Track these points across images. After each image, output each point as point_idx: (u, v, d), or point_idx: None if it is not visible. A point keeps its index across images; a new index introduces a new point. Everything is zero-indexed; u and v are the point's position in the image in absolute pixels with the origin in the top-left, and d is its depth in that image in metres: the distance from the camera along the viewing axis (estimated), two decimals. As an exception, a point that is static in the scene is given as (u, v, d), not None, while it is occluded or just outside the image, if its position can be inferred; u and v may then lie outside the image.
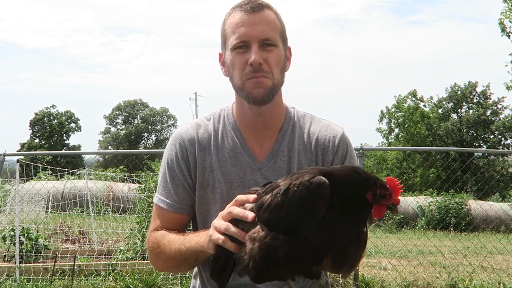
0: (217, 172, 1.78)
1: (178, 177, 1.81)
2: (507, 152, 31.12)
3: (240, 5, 1.74)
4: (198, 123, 1.87)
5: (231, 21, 1.75)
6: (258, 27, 1.70)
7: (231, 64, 1.74)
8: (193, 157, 1.80)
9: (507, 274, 7.65)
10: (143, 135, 55.73)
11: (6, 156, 6.70)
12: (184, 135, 1.83)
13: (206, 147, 1.81)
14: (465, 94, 37.47)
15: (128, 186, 13.24)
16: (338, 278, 6.47)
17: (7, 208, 9.83)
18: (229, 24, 1.75)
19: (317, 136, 1.82)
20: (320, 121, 1.87)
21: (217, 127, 1.84)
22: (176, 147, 1.82)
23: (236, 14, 1.74)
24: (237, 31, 1.71)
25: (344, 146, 1.81)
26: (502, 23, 13.48)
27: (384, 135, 37.59)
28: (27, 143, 47.28)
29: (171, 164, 1.82)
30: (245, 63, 1.70)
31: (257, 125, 1.81)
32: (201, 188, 1.80)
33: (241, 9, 1.73)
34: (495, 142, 35.61)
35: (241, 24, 1.71)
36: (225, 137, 1.82)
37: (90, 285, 6.30)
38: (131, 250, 7.49)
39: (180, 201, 1.82)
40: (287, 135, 1.82)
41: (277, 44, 1.73)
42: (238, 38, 1.70)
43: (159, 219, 1.84)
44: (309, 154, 1.80)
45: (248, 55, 1.70)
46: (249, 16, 1.71)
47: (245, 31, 1.70)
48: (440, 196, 17.42)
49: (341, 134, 1.82)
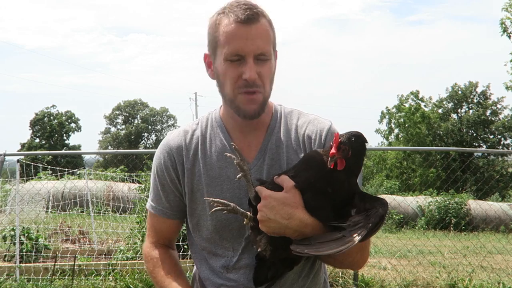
0: (206, 176, 1.78)
1: (169, 185, 1.83)
2: (506, 152, 31.13)
3: (234, 11, 1.67)
4: (186, 129, 1.86)
5: (224, 29, 1.67)
6: (254, 42, 1.66)
7: (223, 74, 1.71)
8: (181, 165, 1.81)
9: (506, 274, 7.65)
10: (143, 135, 55.75)
11: (6, 156, 6.71)
12: (171, 143, 1.83)
13: (194, 152, 1.81)
14: (466, 94, 37.49)
15: (128, 186, 13.25)
16: (338, 278, 6.49)
17: (7, 208, 9.84)
18: (223, 32, 1.68)
19: (304, 131, 1.81)
20: (307, 116, 1.86)
21: (205, 132, 1.84)
22: (165, 156, 1.83)
23: (231, 22, 1.67)
24: (232, 43, 1.66)
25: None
26: (503, 23, 13.47)
27: (384, 135, 37.60)
28: (27, 143, 47.30)
29: (161, 173, 1.83)
30: (239, 76, 1.67)
31: (245, 128, 1.81)
32: (191, 193, 1.81)
33: (236, 19, 1.66)
34: (494, 142, 35.61)
35: (237, 37, 1.66)
36: (213, 140, 1.82)
37: (90, 285, 6.30)
38: (131, 250, 7.49)
39: (172, 207, 1.85)
40: (274, 132, 1.81)
41: (270, 58, 1.71)
42: (233, 52, 1.66)
43: (153, 225, 1.91)
44: (298, 149, 1.79)
45: (241, 68, 1.67)
46: (245, 28, 1.65)
47: (242, 45, 1.65)
48: (440, 196, 17.42)
49: (328, 127, 1.81)
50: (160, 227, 1.89)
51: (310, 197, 1.58)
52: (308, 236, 1.57)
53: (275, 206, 1.56)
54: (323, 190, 1.57)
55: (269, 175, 1.74)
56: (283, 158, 1.78)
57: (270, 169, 1.77)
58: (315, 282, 1.84)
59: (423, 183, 26.30)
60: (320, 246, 1.52)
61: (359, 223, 1.52)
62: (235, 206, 1.65)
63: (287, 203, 1.56)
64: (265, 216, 1.57)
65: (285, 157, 1.78)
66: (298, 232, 1.57)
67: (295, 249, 1.52)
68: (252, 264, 1.77)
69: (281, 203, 1.56)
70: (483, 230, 15.26)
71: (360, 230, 1.49)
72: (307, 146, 1.79)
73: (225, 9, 1.70)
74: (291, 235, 1.57)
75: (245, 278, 1.77)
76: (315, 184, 1.57)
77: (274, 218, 1.56)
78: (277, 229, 1.57)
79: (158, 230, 1.90)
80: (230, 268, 1.79)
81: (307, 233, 1.57)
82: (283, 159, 1.78)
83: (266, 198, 1.58)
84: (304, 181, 1.58)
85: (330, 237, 1.54)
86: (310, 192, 1.58)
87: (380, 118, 37.66)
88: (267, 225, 1.58)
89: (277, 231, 1.58)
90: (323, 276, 1.89)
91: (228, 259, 1.80)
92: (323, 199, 1.58)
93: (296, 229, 1.56)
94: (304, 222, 1.56)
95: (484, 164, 33.46)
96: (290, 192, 1.58)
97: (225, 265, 1.80)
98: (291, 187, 1.59)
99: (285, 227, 1.56)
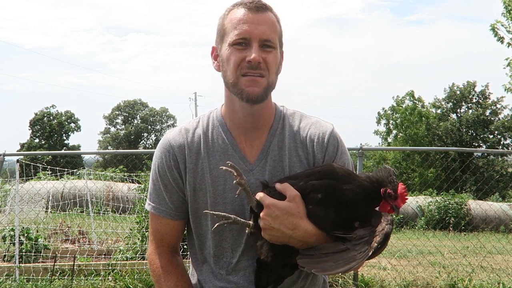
0: (209, 175, 1.77)
1: (171, 184, 1.80)
2: (506, 152, 31.13)
3: (244, 2, 1.72)
4: (186, 128, 1.84)
5: (232, 16, 1.72)
6: (261, 27, 1.69)
7: (227, 59, 1.71)
8: (183, 164, 1.78)
9: (506, 274, 7.65)
10: (142, 135, 55.72)
11: (6, 156, 6.70)
12: (172, 142, 1.80)
13: (197, 151, 1.79)
14: (464, 94, 37.47)
15: (127, 186, 13.25)
16: (337, 278, 6.48)
17: (7, 208, 9.82)
18: (230, 19, 1.72)
19: (306, 134, 1.81)
20: (310, 118, 1.86)
21: (206, 130, 1.82)
22: (166, 155, 1.80)
23: (239, 10, 1.72)
24: (238, 27, 1.69)
25: (334, 142, 1.80)
26: (494, 29, 13.57)
27: (382, 137, 37.56)
28: (27, 143, 47.27)
29: (163, 173, 1.80)
30: (242, 60, 1.68)
31: (247, 125, 1.79)
32: (194, 192, 1.79)
33: (245, 6, 1.71)
34: (494, 142, 35.57)
35: (244, 21, 1.69)
36: (216, 139, 1.80)
37: (90, 285, 6.30)
38: (131, 250, 7.49)
39: (176, 208, 1.82)
40: (277, 134, 1.81)
41: (276, 47, 1.73)
42: (239, 35, 1.68)
43: (157, 227, 1.85)
44: (300, 152, 1.79)
45: (246, 52, 1.68)
46: (253, 14, 1.69)
47: (248, 28, 1.68)
48: (440, 196, 17.41)
49: (330, 131, 1.81)
50: (165, 230, 1.84)
51: (314, 207, 1.57)
52: (312, 246, 1.56)
53: (279, 216, 1.56)
54: (329, 202, 1.57)
55: (271, 176, 1.74)
56: (285, 160, 1.78)
57: (273, 170, 1.76)
58: (314, 283, 1.84)
59: (423, 183, 26.28)
60: (323, 261, 1.51)
61: (364, 238, 1.51)
62: (235, 218, 1.64)
63: (291, 213, 1.56)
64: (269, 225, 1.57)
65: (287, 159, 1.78)
66: (302, 242, 1.57)
67: (301, 263, 1.51)
68: (251, 266, 1.76)
69: (285, 212, 1.56)
70: (483, 230, 15.26)
71: (365, 247, 1.48)
72: (309, 148, 1.79)
73: (236, 5, 1.75)
74: (295, 244, 1.57)
75: (245, 280, 1.77)
76: (324, 197, 1.57)
77: (278, 228, 1.56)
78: (281, 238, 1.57)
79: (162, 233, 1.84)
80: (230, 270, 1.78)
81: (311, 243, 1.57)
82: (285, 161, 1.77)
83: (270, 207, 1.57)
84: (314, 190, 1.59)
85: (334, 248, 1.53)
86: (314, 202, 1.57)
87: (377, 119, 37.58)
88: (270, 233, 1.58)
89: (281, 240, 1.57)
90: (322, 276, 1.89)
91: (227, 260, 1.79)
92: (327, 209, 1.57)
93: (300, 239, 1.56)
94: (308, 233, 1.56)
95: (484, 164, 33.44)
96: (294, 201, 1.58)
97: (225, 266, 1.79)
98: (295, 196, 1.58)
99: (289, 237, 1.56)
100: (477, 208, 16.15)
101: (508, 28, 13.57)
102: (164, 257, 1.83)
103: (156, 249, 1.85)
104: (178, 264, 1.85)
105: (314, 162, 1.78)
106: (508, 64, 14.41)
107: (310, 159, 1.78)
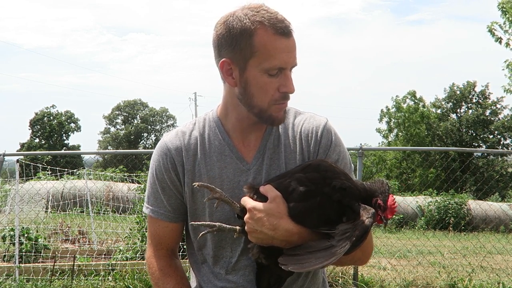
0: (206, 176, 1.77)
1: (169, 187, 1.80)
2: (506, 152, 31.17)
3: (274, 23, 1.63)
4: (183, 130, 1.84)
5: (266, 39, 1.63)
6: (293, 54, 1.67)
7: (259, 86, 1.67)
8: (181, 166, 1.78)
9: (506, 274, 7.65)
10: (142, 135, 55.77)
11: (5, 156, 6.70)
12: (169, 144, 1.80)
13: (194, 153, 1.79)
14: (464, 94, 37.49)
15: (127, 186, 13.24)
16: (337, 278, 6.49)
17: (6, 208, 9.82)
18: (263, 44, 1.63)
19: (300, 129, 1.81)
20: (303, 114, 1.86)
21: (202, 132, 1.82)
22: (163, 158, 1.80)
23: (272, 34, 1.63)
24: (277, 56, 1.63)
25: (328, 135, 1.79)
26: (491, 30, 13.62)
27: (384, 135, 37.64)
28: (26, 143, 47.30)
29: (161, 176, 1.80)
30: (276, 89, 1.67)
31: (244, 126, 1.79)
32: (191, 194, 1.79)
33: (278, 31, 1.63)
34: (494, 142, 35.60)
35: (281, 50, 1.64)
36: (212, 140, 1.80)
37: (90, 285, 6.30)
38: (131, 250, 7.50)
39: (174, 210, 1.82)
40: (272, 132, 1.81)
41: None
42: (277, 65, 1.64)
43: (155, 231, 1.85)
44: (295, 147, 1.79)
45: (279, 81, 1.66)
46: (287, 41, 1.65)
47: (286, 58, 1.65)
48: (440, 196, 17.43)
49: (324, 124, 1.81)
50: (163, 233, 1.84)
51: (296, 203, 1.58)
52: (297, 244, 1.57)
53: (260, 218, 1.57)
54: (314, 197, 1.57)
55: (268, 175, 1.74)
56: (281, 158, 1.78)
57: (269, 169, 1.76)
58: (314, 282, 1.84)
59: (423, 183, 26.30)
60: (306, 259, 1.51)
61: (347, 232, 1.51)
62: (220, 225, 1.65)
63: (271, 214, 1.57)
64: (252, 227, 1.58)
65: (283, 156, 1.78)
66: (285, 242, 1.58)
67: (282, 262, 1.52)
68: (251, 265, 1.77)
69: (265, 214, 1.57)
70: (482, 230, 15.27)
71: (346, 242, 1.49)
72: (304, 143, 1.79)
73: (262, 23, 1.64)
74: (279, 244, 1.58)
75: (245, 280, 1.77)
76: (309, 190, 1.57)
77: (261, 230, 1.57)
78: (265, 240, 1.59)
79: (161, 236, 1.84)
80: (230, 269, 1.78)
81: (294, 241, 1.57)
82: (282, 158, 1.78)
83: (251, 210, 1.59)
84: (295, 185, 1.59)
85: (319, 245, 1.53)
86: (297, 198, 1.58)
87: (380, 117, 37.70)
88: (255, 236, 1.59)
89: (265, 241, 1.59)
90: (322, 275, 1.89)
91: (227, 260, 1.79)
92: (311, 205, 1.57)
93: (282, 239, 1.57)
94: (290, 232, 1.57)
95: (484, 164, 33.48)
96: (274, 202, 1.58)
97: (224, 266, 1.79)
98: (275, 196, 1.59)
99: (271, 237, 1.57)
100: (477, 208, 16.16)
101: (505, 28, 13.60)
102: (163, 260, 1.84)
103: (155, 252, 1.85)
104: (177, 266, 1.86)
105: (309, 157, 1.78)
106: (507, 66, 14.45)
107: (305, 154, 1.78)
